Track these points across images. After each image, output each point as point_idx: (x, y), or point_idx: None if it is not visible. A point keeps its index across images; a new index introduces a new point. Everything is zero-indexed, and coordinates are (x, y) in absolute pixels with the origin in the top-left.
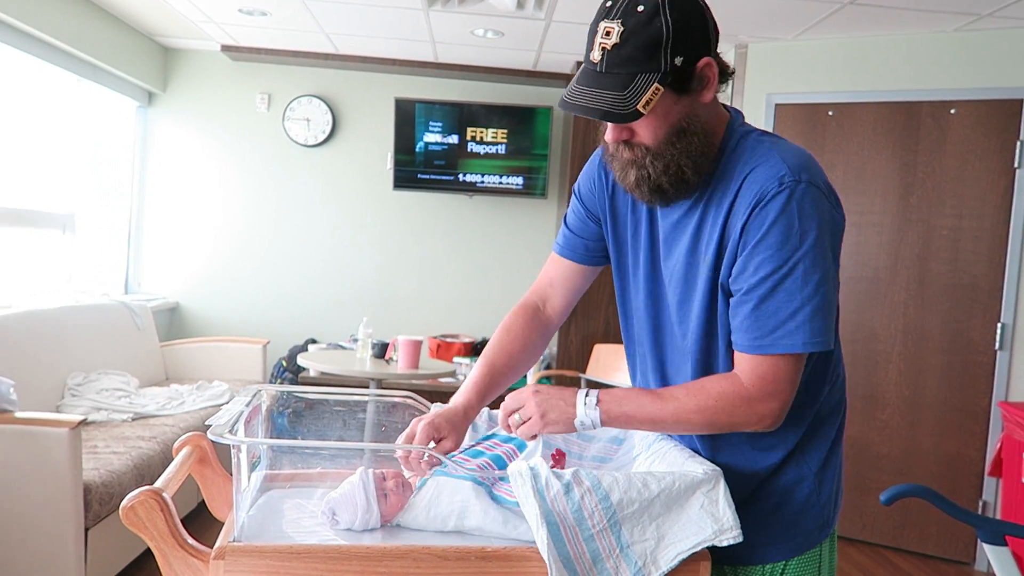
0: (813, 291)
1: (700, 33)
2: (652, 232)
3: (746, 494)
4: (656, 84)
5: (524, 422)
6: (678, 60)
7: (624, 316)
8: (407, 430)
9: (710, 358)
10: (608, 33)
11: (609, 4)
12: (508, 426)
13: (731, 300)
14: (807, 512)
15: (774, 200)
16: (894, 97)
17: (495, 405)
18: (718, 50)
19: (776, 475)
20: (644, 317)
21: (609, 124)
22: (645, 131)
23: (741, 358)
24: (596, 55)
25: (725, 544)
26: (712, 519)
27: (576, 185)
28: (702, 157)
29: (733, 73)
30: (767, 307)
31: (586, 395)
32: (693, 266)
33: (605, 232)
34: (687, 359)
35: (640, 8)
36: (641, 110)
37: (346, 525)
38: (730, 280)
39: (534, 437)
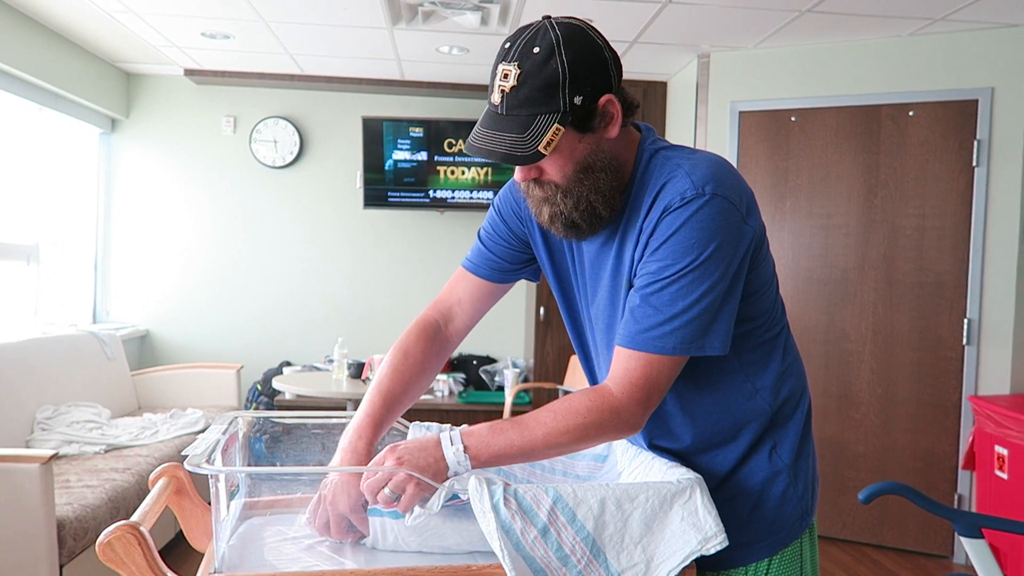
0: (695, 300)
1: (599, 71)
2: (581, 264)
3: (725, 496)
4: (556, 124)
5: (399, 493)
6: (577, 99)
7: (569, 327)
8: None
9: None
10: (506, 76)
11: (507, 46)
12: (379, 502)
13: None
14: (785, 505)
15: (675, 213)
16: (854, 101)
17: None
18: (621, 85)
19: (752, 473)
20: (582, 337)
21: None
22: (552, 169)
23: (616, 352)
24: (496, 98)
25: (713, 551)
26: (695, 529)
27: (497, 202)
28: (612, 192)
29: (638, 107)
30: (647, 305)
31: (451, 443)
32: (615, 294)
33: (539, 257)
34: None
35: (536, 50)
36: (542, 151)
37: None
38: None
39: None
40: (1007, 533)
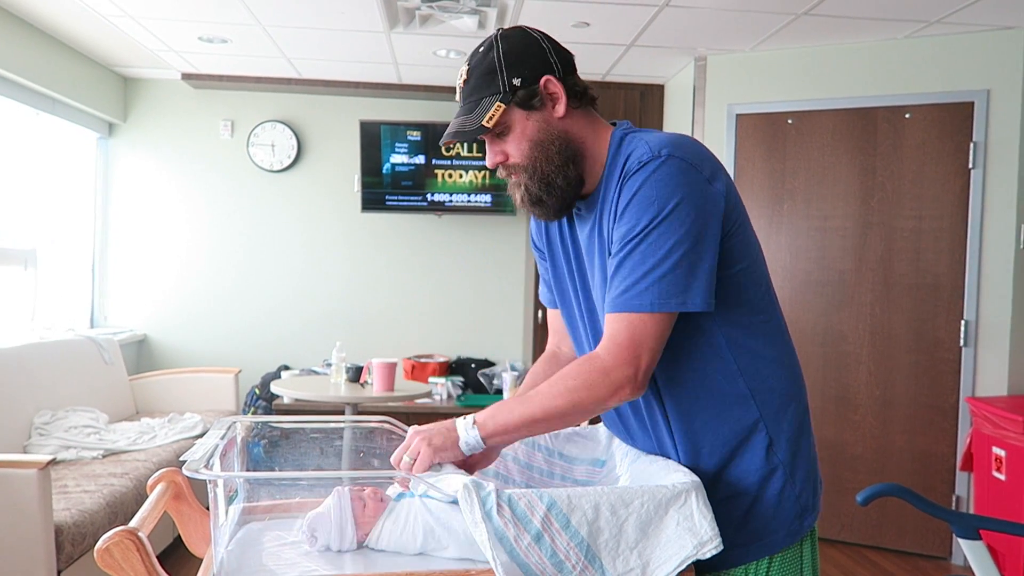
0: (665, 255)
1: (535, 58)
2: (578, 258)
3: (721, 496)
4: (498, 103)
5: (414, 459)
6: (516, 80)
7: (575, 344)
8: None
9: None
10: (460, 76)
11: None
12: (402, 469)
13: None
14: (783, 504)
15: (634, 176)
16: (850, 104)
17: None
18: (574, 76)
19: (748, 472)
20: (588, 340)
21: (487, 150)
22: (512, 149)
23: (606, 320)
24: (457, 95)
25: (708, 556)
26: (690, 534)
27: (531, 236)
28: (565, 163)
29: (587, 91)
30: (622, 268)
31: (464, 418)
32: (605, 263)
33: (550, 267)
34: None
35: (480, 49)
36: (486, 124)
37: (324, 544)
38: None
39: (429, 469)
40: (1005, 534)
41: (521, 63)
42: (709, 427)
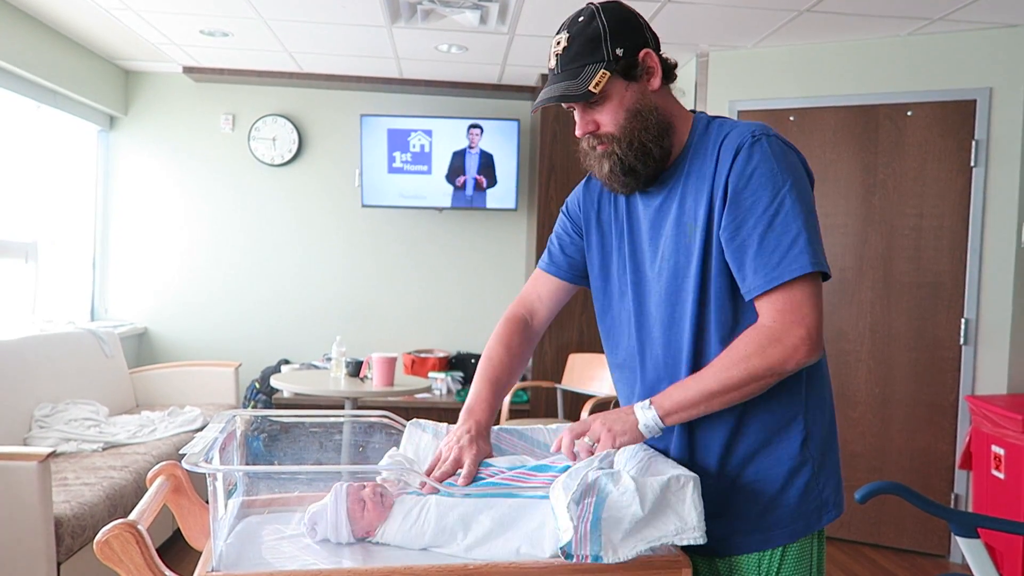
0: (805, 220)
1: (635, 31)
2: (633, 230)
3: (749, 481)
4: (603, 70)
5: (595, 442)
6: (619, 51)
7: (609, 328)
8: (438, 454)
9: (703, 337)
10: (558, 43)
11: (559, 27)
12: (573, 452)
13: (729, 252)
14: (807, 497)
15: (751, 148)
16: (852, 101)
17: None
18: (662, 53)
19: (780, 461)
20: (632, 319)
21: (577, 119)
22: (606, 118)
23: (759, 304)
24: (552, 63)
25: (685, 543)
26: (676, 516)
27: (565, 204)
28: (660, 132)
29: (676, 66)
30: (768, 243)
31: (639, 403)
32: (683, 235)
33: (587, 245)
34: (679, 345)
35: (580, 18)
36: (592, 90)
37: (322, 536)
38: (723, 233)
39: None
40: (1003, 533)
41: (623, 34)
42: (759, 409)
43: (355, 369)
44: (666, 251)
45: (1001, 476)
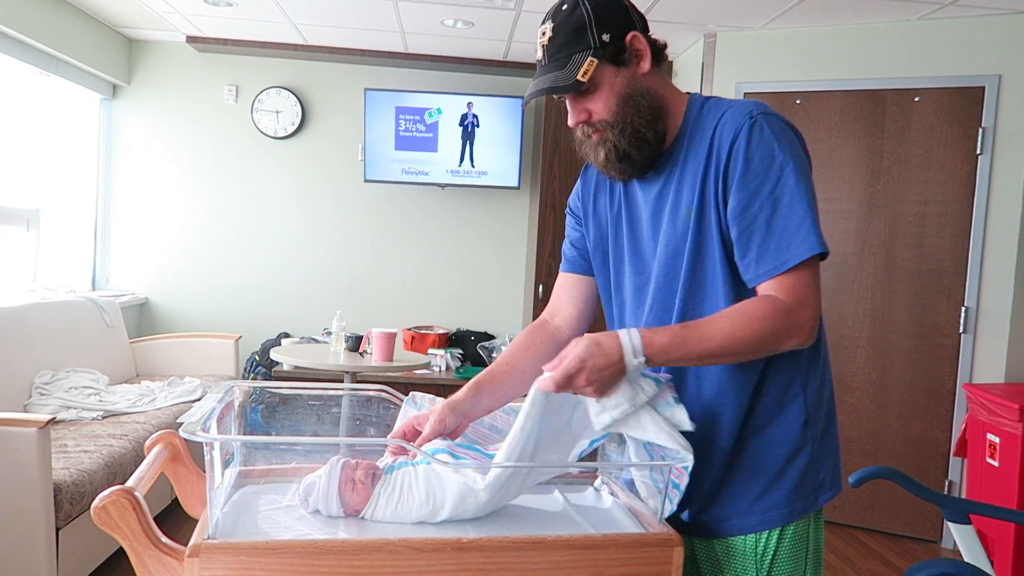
0: (808, 203)
1: (620, 14)
2: (632, 219)
3: (749, 463)
4: (590, 58)
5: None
6: (605, 36)
7: (610, 316)
8: (402, 425)
9: (698, 308)
10: (543, 34)
11: (544, 16)
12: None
13: (734, 236)
14: (806, 478)
15: (750, 130)
16: (859, 85)
17: None
18: (651, 34)
19: (780, 443)
20: (630, 308)
21: (569, 110)
22: (599, 105)
23: (765, 288)
24: (539, 54)
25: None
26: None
27: (567, 204)
28: (653, 116)
29: (665, 47)
30: (775, 229)
31: (633, 348)
32: (680, 220)
33: (587, 236)
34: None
35: (564, 7)
36: (581, 79)
37: (313, 507)
38: (728, 218)
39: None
40: (995, 520)
41: (608, 19)
42: (760, 390)
43: (355, 344)
44: (667, 231)
45: (995, 464)
